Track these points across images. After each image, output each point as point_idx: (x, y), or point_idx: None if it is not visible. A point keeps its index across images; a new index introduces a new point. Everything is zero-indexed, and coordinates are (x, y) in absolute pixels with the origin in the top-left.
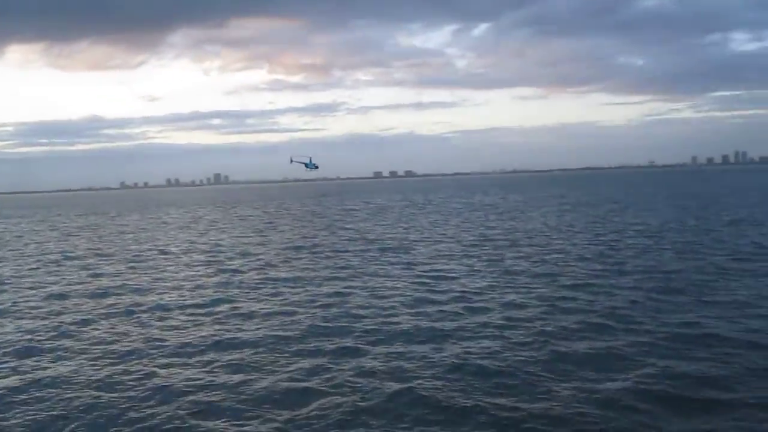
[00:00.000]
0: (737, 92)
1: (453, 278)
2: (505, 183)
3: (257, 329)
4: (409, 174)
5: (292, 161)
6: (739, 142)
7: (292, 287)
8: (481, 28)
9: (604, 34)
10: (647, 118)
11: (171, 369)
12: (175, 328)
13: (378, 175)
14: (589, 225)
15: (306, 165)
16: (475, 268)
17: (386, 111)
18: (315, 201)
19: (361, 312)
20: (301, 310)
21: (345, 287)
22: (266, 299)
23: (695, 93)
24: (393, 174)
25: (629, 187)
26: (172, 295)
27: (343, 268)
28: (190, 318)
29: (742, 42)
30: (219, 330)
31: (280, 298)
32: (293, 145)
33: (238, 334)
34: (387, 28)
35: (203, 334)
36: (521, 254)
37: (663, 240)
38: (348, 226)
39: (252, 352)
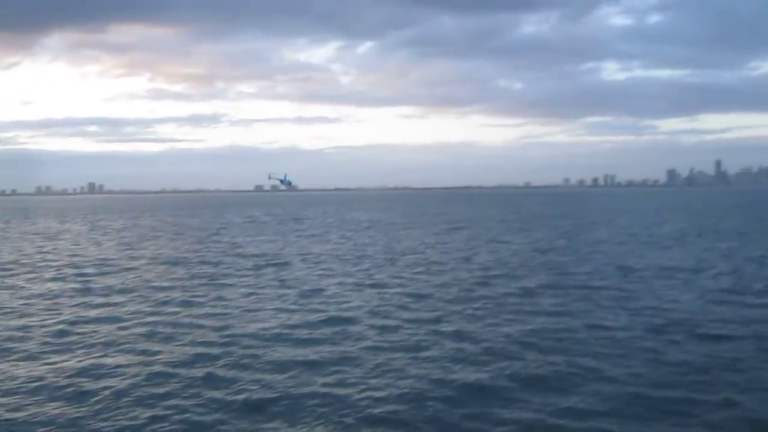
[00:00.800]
0: (607, 118)
1: (325, 295)
2: (385, 199)
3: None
4: (290, 188)
5: (270, 177)
6: (608, 166)
7: (138, 301)
8: (366, 46)
9: (485, 57)
10: (524, 141)
11: None
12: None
13: (259, 188)
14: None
15: (281, 181)
16: (348, 285)
17: (268, 124)
18: (191, 213)
19: (225, 332)
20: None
21: (209, 302)
22: (118, 316)
23: (569, 118)
24: (274, 188)
25: (504, 205)
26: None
27: (206, 284)
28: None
29: (612, 71)
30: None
31: (131, 314)
32: (172, 156)
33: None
34: (272, 42)
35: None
36: (395, 271)
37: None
38: (223, 240)
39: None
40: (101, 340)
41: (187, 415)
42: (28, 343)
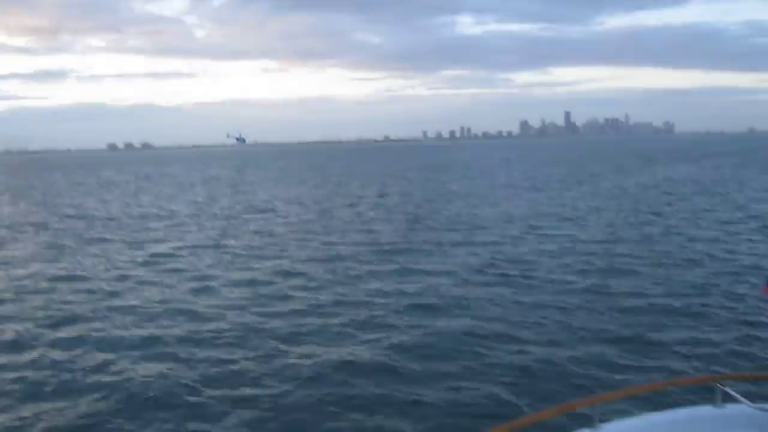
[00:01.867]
0: (464, 72)
1: (177, 257)
2: (244, 156)
3: None
4: (146, 146)
5: (228, 136)
6: (465, 119)
7: None
8: None
9: (342, 10)
10: (383, 94)
11: None
12: None
13: (112, 147)
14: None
15: (237, 139)
16: (200, 247)
17: (120, 80)
18: (37, 174)
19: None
20: None
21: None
22: None
23: (427, 71)
24: (129, 146)
25: (364, 159)
26: None
27: (50, 248)
28: None
29: (467, 25)
30: None
31: None
32: (16, 115)
33: None
34: None
35: None
36: (247, 229)
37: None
38: (70, 202)
39: None
40: None
41: None
42: None
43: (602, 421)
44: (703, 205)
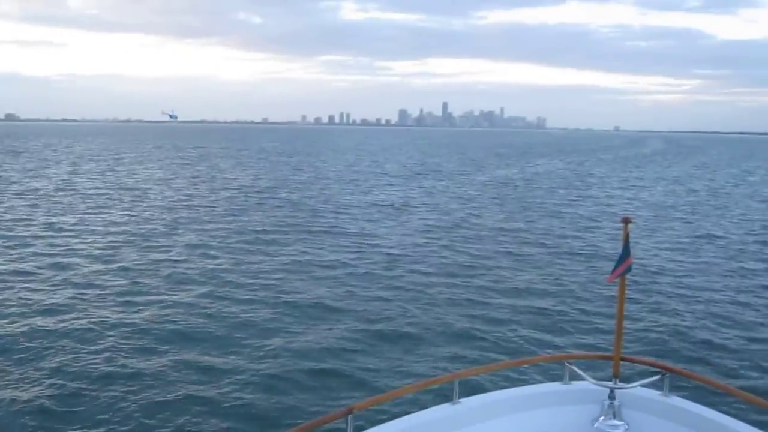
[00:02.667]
0: (344, 57)
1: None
2: (114, 132)
3: None
4: (10, 117)
5: (163, 113)
6: (345, 104)
7: None
8: None
9: None
10: (263, 76)
11: None
12: None
13: None
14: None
15: (170, 116)
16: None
17: None
18: None
19: None
20: None
21: None
22: None
23: (308, 55)
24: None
25: (240, 141)
26: None
27: None
28: None
29: (350, 11)
30: None
31: None
32: None
33: None
34: None
35: None
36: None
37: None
38: None
39: None
40: None
41: None
42: None
43: (460, 396)
44: (564, 198)
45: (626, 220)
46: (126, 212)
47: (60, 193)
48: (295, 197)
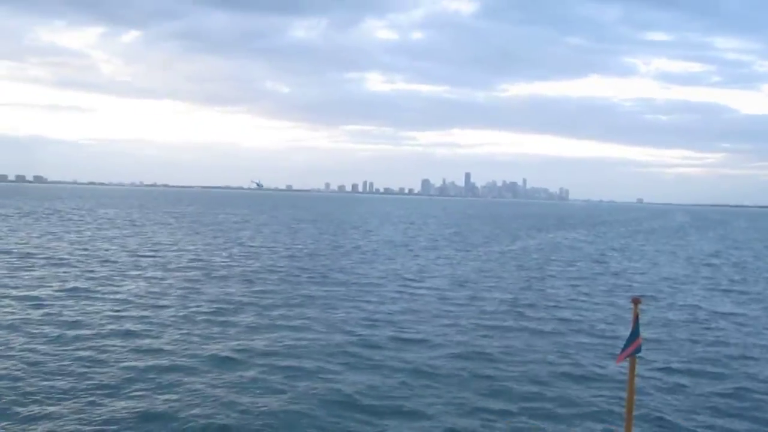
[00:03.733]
0: (369, 127)
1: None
2: (141, 196)
3: None
4: (38, 179)
5: (251, 181)
6: (368, 173)
7: None
8: (131, 35)
9: (253, 57)
10: (288, 144)
11: None
12: None
13: (3, 178)
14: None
15: (257, 184)
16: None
17: (17, 109)
18: None
19: None
20: None
21: None
22: None
23: (333, 124)
24: (20, 178)
25: (264, 207)
26: None
27: None
28: None
29: (376, 82)
30: None
31: None
32: None
33: None
34: (25, 20)
35: None
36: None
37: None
38: None
39: None
40: None
41: None
42: None
43: None
44: (585, 272)
45: (636, 301)
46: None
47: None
48: (315, 265)
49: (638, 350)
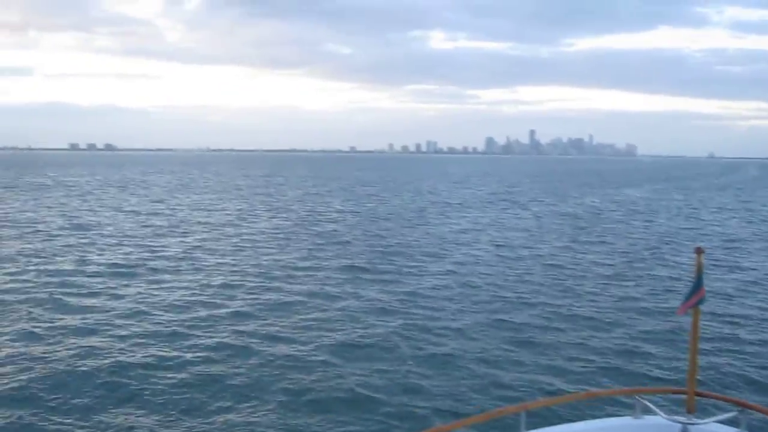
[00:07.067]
0: (432, 86)
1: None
2: (210, 161)
3: None
4: (109, 147)
5: None
6: (431, 133)
7: None
8: (195, 2)
9: (314, 19)
10: (350, 105)
11: None
12: None
13: (75, 147)
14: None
15: None
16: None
17: (86, 79)
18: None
19: None
20: None
21: None
22: None
23: (395, 84)
24: (91, 146)
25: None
26: None
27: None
28: None
29: (439, 40)
30: None
31: None
32: None
33: None
34: None
35: None
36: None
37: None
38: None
39: None
40: None
41: None
42: None
43: (528, 428)
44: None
45: (699, 251)
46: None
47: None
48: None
49: (702, 301)
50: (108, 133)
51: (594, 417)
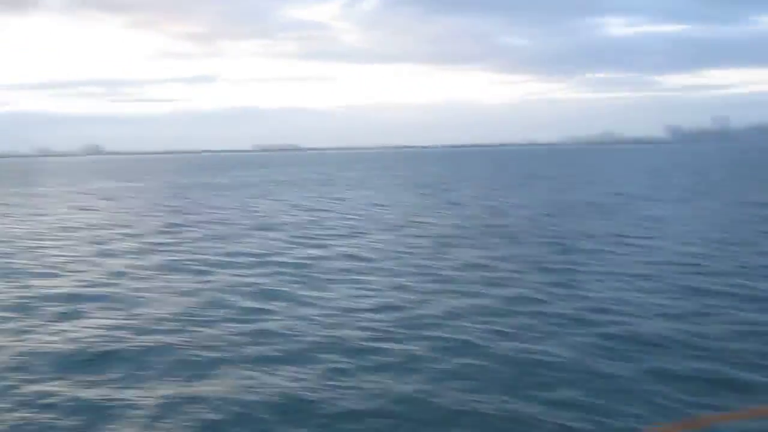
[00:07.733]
0: (610, 74)
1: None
2: (393, 158)
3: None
4: (293, 147)
5: None
6: (610, 123)
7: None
8: (371, 3)
9: (487, 13)
10: (526, 97)
11: None
12: None
13: (261, 148)
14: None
15: None
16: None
17: (270, 83)
18: (180, 175)
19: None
20: None
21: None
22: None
23: (571, 74)
24: (277, 147)
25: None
26: None
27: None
28: None
29: (618, 26)
30: None
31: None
32: (173, 116)
33: None
34: (274, 1)
35: None
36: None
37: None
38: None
39: None
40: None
41: None
42: None
43: None
44: None
45: None
46: None
47: None
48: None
49: None
50: (291, 134)
51: None
